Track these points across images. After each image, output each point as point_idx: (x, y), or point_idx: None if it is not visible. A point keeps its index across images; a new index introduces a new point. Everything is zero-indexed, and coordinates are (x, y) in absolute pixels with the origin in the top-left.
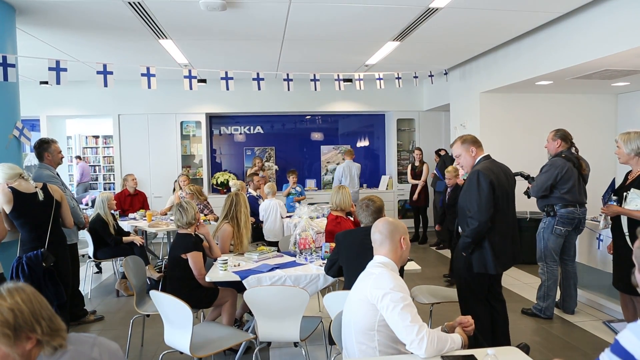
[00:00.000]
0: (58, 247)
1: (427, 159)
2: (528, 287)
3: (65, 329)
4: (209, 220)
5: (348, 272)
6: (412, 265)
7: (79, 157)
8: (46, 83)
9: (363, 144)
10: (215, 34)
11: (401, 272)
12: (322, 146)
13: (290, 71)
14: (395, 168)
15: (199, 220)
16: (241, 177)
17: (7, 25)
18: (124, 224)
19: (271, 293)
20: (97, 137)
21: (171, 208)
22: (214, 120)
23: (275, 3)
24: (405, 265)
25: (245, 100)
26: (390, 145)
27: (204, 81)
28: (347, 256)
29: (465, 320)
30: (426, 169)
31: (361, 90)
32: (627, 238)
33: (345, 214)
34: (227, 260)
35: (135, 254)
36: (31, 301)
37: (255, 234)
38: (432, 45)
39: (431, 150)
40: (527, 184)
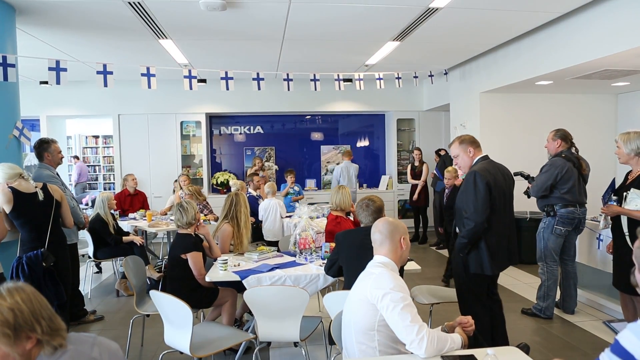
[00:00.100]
0: (58, 247)
1: (427, 159)
2: (528, 287)
3: (65, 328)
4: (209, 220)
5: (348, 272)
6: (412, 265)
7: (76, 157)
8: (46, 83)
9: (363, 144)
10: (215, 34)
11: (401, 272)
12: (322, 146)
13: (290, 71)
14: (395, 168)
15: (199, 221)
16: (241, 177)
17: (7, 25)
18: (124, 224)
19: (271, 293)
20: (97, 137)
21: (171, 208)
22: (214, 120)
23: (275, 3)
24: (405, 265)
25: (245, 100)
26: (390, 145)
27: (204, 81)
28: (347, 256)
29: (465, 320)
30: (426, 169)
31: (361, 90)
32: (627, 238)
33: (345, 214)
34: (227, 260)
35: (135, 254)
36: (31, 301)
37: (255, 234)
38: (432, 45)
39: (431, 150)
40: (527, 184)
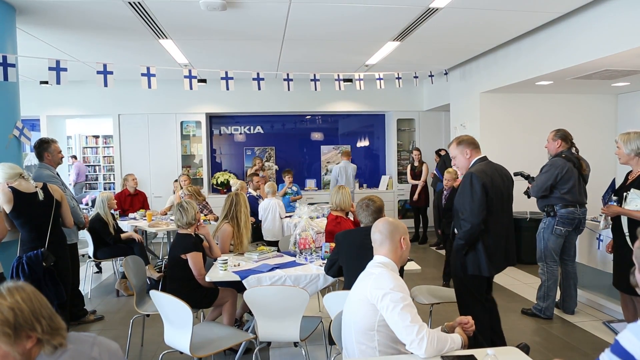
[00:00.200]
0: (58, 247)
1: (427, 159)
2: (528, 287)
3: (65, 327)
4: (209, 220)
5: (348, 272)
6: (412, 265)
7: (74, 157)
8: (46, 83)
9: (363, 144)
10: (215, 34)
11: (401, 272)
12: (322, 146)
13: (290, 71)
14: (395, 168)
15: (199, 221)
16: (241, 177)
17: (7, 25)
18: (124, 224)
19: (271, 293)
20: (97, 137)
21: (171, 208)
22: (214, 120)
23: (275, 3)
24: (405, 265)
25: (245, 100)
26: (390, 145)
27: (204, 81)
28: (347, 256)
29: (465, 321)
30: (425, 169)
31: (361, 90)
32: (628, 238)
33: (345, 214)
34: (227, 260)
35: (135, 254)
36: (31, 300)
37: (255, 234)
38: (432, 45)
39: (431, 151)
40: (527, 184)
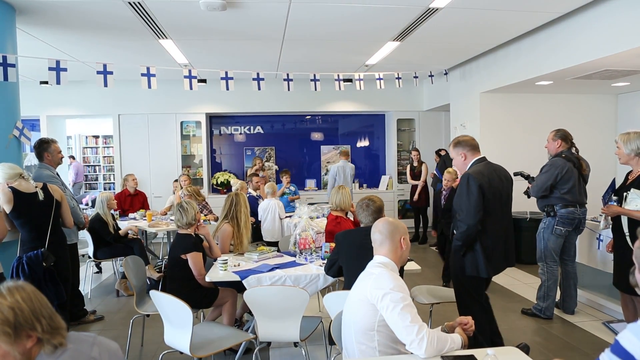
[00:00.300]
0: (58, 247)
1: (427, 159)
2: (528, 287)
3: (65, 327)
4: (208, 220)
5: (348, 272)
6: (412, 265)
7: (72, 157)
8: (46, 83)
9: (363, 144)
10: (215, 34)
11: (401, 272)
12: (322, 146)
13: (290, 71)
14: (395, 168)
15: (199, 221)
16: (241, 177)
17: (7, 25)
18: (124, 224)
19: (271, 293)
20: (97, 137)
21: (171, 208)
22: (214, 120)
23: (275, 3)
24: (405, 265)
25: (245, 100)
26: (390, 145)
27: (204, 81)
28: (347, 256)
29: (465, 321)
30: (425, 169)
31: (361, 90)
32: (628, 238)
33: (345, 214)
34: (227, 260)
35: (135, 254)
36: (31, 299)
37: (255, 234)
38: (432, 45)
39: (431, 151)
40: (527, 184)
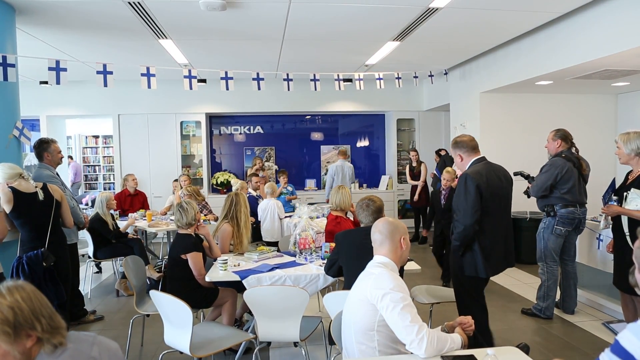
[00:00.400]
0: (58, 247)
1: (427, 159)
2: (528, 287)
3: (65, 327)
4: (208, 220)
5: (348, 272)
6: (412, 265)
7: (70, 157)
8: (46, 83)
9: (363, 144)
10: (215, 34)
11: (401, 272)
12: (322, 146)
13: (290, 71)
14: (395, 168)
15: (199, 221)
16: (241, 177)
17: (7, 25)
18: (124, 224)
19: (271, 293)
20: (97, 137)
21: (171, 208)
22: (214, 120)
23: (275, 3)
24: (405, 265)
25: (245, 100)
26: (390, 145)
27: (204, 81)
28: (347, 256)
29: (465, 321)
30: (424, 169)
31: (361, 90)
32: (628, 238)
33: (345, 214)
34: (227, 260)
35: (135, 254)
36: (31, 299)
37: (255, 234)
38: (432, 45)
39: (431, 151)
40: (527, 184)
